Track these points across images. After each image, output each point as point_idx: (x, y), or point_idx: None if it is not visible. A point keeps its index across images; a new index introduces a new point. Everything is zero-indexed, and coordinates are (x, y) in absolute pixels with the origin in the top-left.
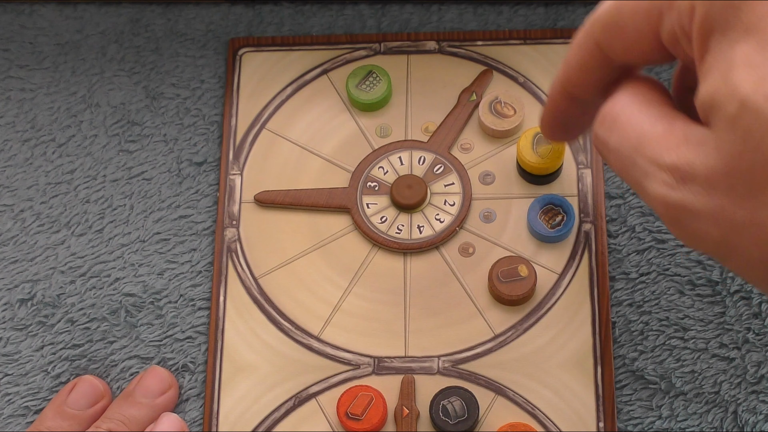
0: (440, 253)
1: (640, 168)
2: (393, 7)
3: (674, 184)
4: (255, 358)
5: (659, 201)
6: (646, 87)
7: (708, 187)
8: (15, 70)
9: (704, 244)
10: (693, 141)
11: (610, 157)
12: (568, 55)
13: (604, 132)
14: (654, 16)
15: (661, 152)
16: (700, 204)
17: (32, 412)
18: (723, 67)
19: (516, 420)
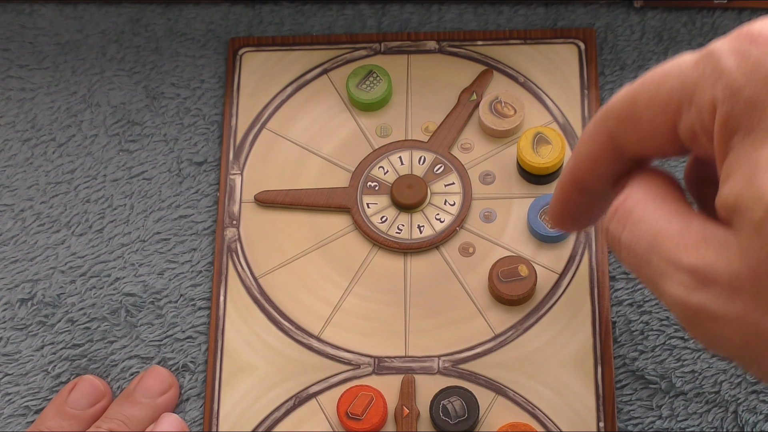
0: (440, 253)
1: (655, 267)
2: (393, 6)
3: (694, 286)
4: (255, 358)
5: (677, 303)
6: (659, 181)
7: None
8: (15, 70)
9: (725, 348)
10: (714, 242)
11: (622, 253)
12: (579, 146)
13: (616, 227)
14: (672, 110)
15: (679, 252)
16: (722, 308)
17: (32, 411)
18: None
19: (516, 420)
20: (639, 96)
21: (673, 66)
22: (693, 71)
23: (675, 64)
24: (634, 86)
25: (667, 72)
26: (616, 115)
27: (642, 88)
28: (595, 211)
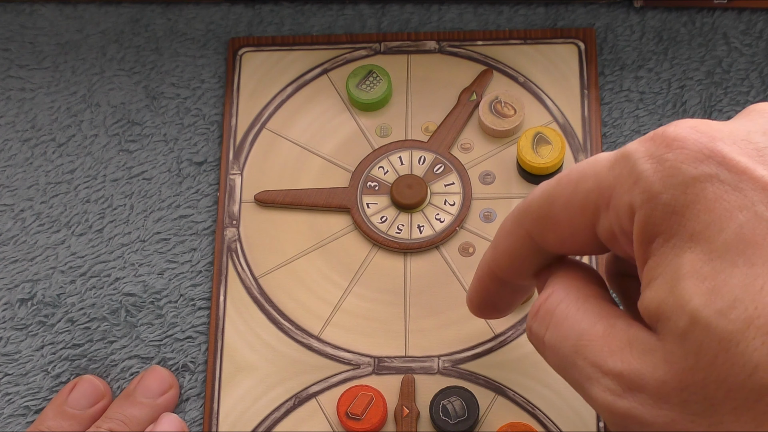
0: (440, 253)
1: (580, 370)
2: (393, 6)
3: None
4: (255, 358)
5: (604, 408)
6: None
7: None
8: (15, 70)
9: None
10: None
11: (546, 353)
12: (497, 240)
13: (538, 327)
14: (589, 212)
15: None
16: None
17: (32, 411)
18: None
19: (516, 420)
20: (556, 196)
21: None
22: (609, 173)
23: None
24: (551, 185)
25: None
26: (534, 215)
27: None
28: (515, 300)
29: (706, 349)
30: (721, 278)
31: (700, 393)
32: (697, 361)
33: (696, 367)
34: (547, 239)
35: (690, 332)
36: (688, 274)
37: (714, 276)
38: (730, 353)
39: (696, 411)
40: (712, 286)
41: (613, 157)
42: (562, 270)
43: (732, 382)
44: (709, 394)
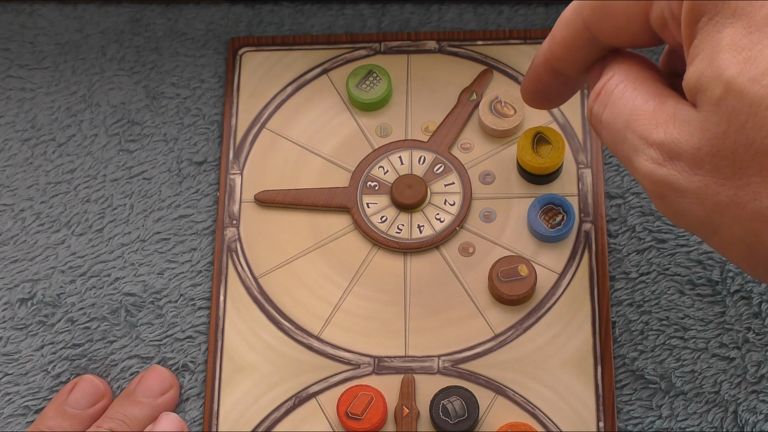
0: (440, 253)
1: (630, 143)
2: (393, 6)
3: (661, 161)
4: (255, 357)
5: (646, 176)
6: (639, 64)
7: (693, 165)
8: (15, 70)
9: (688, 221)
10: (680, 119)
11: (602, 132)
12: (555, 31)
13: (598, 107)
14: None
15: (651, 129)
16: (686, 182)
17: (32, 411)
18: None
19: (516, 420)
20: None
21: None
22: None
23: None
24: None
25: None
26: (592, 5)
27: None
28: (566, 92)
29: (737, 114)
30: (758, 49)
31: (730, 157)
32: (728, 126)
33: (727, 131)
34: (603, 29)
35: (724, 99)
36: (726, 47)
37: (751, 47)
38: (759, 117)
39: (726, 175)
40: (748, 56)
41: None
42: (621, 57)
43: (759, 145)
44: (738, 158)
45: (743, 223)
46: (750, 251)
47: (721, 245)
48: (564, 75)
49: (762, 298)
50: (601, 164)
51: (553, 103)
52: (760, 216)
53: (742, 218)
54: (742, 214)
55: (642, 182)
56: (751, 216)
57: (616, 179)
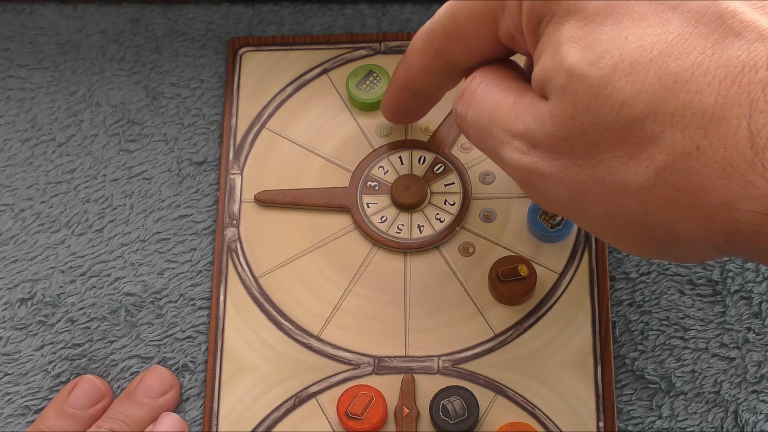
0: (440, 253)
1: (495, 137)
2: (393, 6)
3: (525, 150)
4: (255, 357)
5: (513, 166)
6: (500, 64)
7: (552, 151)
8: (15, 70)
9: (556, 204)
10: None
11: (469, 131)
12: (409, 58)
13: (462, 107)
14: (489, 20)
15: (512, 121)
16: (548, 167)
17: (32, 411)
18: (551, 47)
19: (516, 420)
20: (458, 13)
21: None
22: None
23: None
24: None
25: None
26: (441, 33)
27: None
28: (426, 107)
29: (581, 97)
30: (592, 37)
31: (581, 138)
32: (575, 110)
33: (574, 115)
34: (456, 54)
35: (568, 86)
36: (565, 40)
37: (586, 36)
38: (601, 96)
39: (581, 155)
40: (585, 45)
41: None
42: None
43: (605, 122)
44: (588, 138)
45: (604, 198)
46: (615, 225)
47: (590, 224)
48: (423, 95)
49: (762, 298)
50: None
51: (414, 118)
52: (617, 189)
53: (602, 194)
54: (601, 190)
55: (510, 172)
56: (609, 190)
57: None
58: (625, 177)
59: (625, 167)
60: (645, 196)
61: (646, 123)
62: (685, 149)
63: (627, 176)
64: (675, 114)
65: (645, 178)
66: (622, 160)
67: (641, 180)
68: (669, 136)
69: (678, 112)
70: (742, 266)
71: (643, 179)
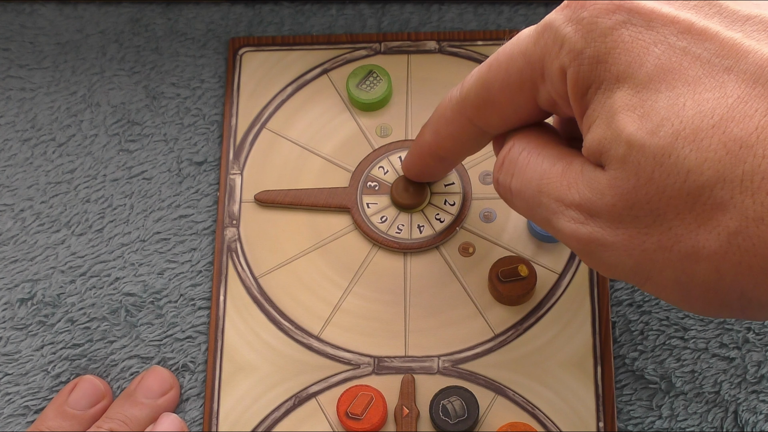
0: (440, 253)
1: (546, 207)
2: (393, 6)
3: (582, 220)
4: (255, 357)
5: (570, 237)
6: (538, 129)
7: (613, 221)
8: (15, 70)
9: (620, 272)
10: (588, 180)
11: (514, 201)
12: (438, 126)
13: (505, 177)
14: (527, 88)
15: (564, 190)
16: (610, 236)
17: (32, 411)
18: (605, 115)
19: (516, 420)
20: (491, 82)
21: (515, 46)
22: (536, 48)
23: (516, 44)
24: (483, 72)
25: (510, 54)
26: (473, 103)
27: (491, 74)
28: (450, 168)
29: (643, 167)
30: (648, 104)
31: (646, 207)
32: (638, 180)
33: (638, 185)
34: (490, 122)
35: (628, 156)
36: (620, 109)
37: (642, 104)
38: (665, 166)
39: (647, 223)
40: (641, 113)
41: (535, 31)
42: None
43: (671, 191)
44: (653, 207)
45: (673, 265)
46: (685, 291)
47: (657, 289)
48: (450, 159)
49: None
50: None
51: (438, 177)
52: (687, 256)
53: (671, 261)
54: (670, 258)
55: (567, 243)
56: (678, 257)
57: None
58: (696, 244)
59: (695, 234)
60: (718, 262)
61: (714, 190)
62: (756, 215)
63: (698, 243)
64: (744, 180)
65: (717, 245)
66: (692, 228)
67: (713, 247)
68: (739, 202)
69: (747, 177)
70: None
71: (715, 246)
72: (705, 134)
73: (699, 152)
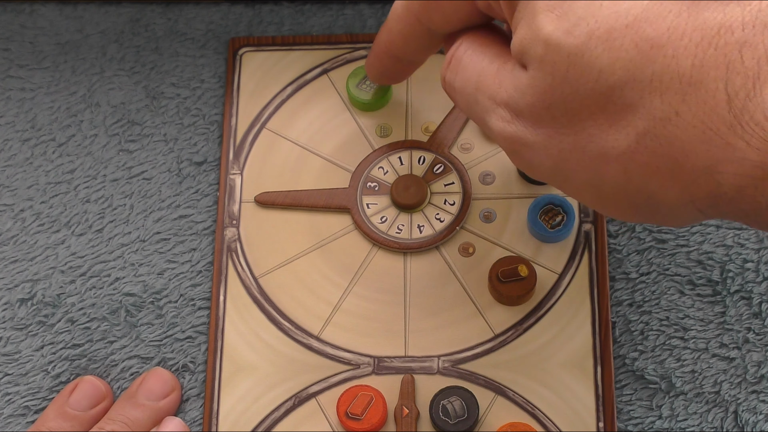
0: (440, 253)
1: (481, 105)
2: None
3: (509, 119)
4: (255, 357)
5: (499, 134)
6: (485, 30)
7: (534, 120)
8: (15, 70)
9: (541, 172)
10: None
11: (456, 98)
12: (390, 24)
13: (450, 75)
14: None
15: (497, 89)
16: (531, 136)
17: (32, 411)
18: (528, 16)
19: (516, 420)
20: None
21: None
22: None
23: None
24: None
25: None
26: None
27: None
28: (410, 70)
29: (558, 66)
30: (567, 5)
31: (562, 107)
32: (553, 80)
33: (554, 84)
34: (434, 20)
35: (545, 56)
36: (540, 10)
37: (561, 5)
38: (577, 65)
39: (563, 123)
40: (560, 13)
41: None
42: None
43: (583, 91)
44: (569, 107)
45: (586, 166)
46: (598, 192)
47: (574, 191)
48: (405, 60)
49: (762, 298)
50: None
51: (398, 80)
52: (598, 156)
53: (584, 162)
54: (583, 158)
55: (496, 140)
56: (591, 158)
57: None
58: (606, 144)
59: (605, 135)
60: (626, 163)
61: (624, 90)
62: (664, 115)
63: (608, 144)
64: (653, 80)
65: (626, 145)
66: (603, 128)
67: (622, 147)
68: (648, 103)
69: (656, 77)
70: (742, 266)
71: (623, 146)
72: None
73: (611, 52)
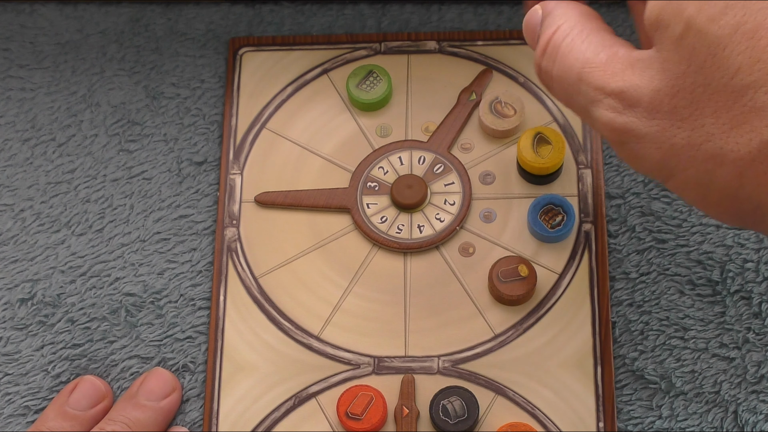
0: (440, 253)
1: (585, 95)
2: (393, 6)
3: (620, 109)
4: (255, 357)
5: (605, 125)
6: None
7: (652, 110)
8: (15, 70)
9: (646, 165)
10: (638, 65)
11: (554, 86)
12: None
13: (547, 63)
14: None
15: (606, 79)
16: (644, 127)
17: (32, 411)
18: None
19: (516, 420)
20: None
21: None
22: None
23: None
24: None
25: None
26: None
27: None
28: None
29: (697, 53)
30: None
31: (688, 97)
32: (688, 66)
33: (687, 71)
34: None
35: (684, 38)
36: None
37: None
38: (717, 57)
39: (683, 116)
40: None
41: None
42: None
43: (716, 85)
44: (695, 99)
45: (697, 165)
46: (704, 192)
47: (678, 187)
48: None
49: (762, 298)
50: (601, 165)
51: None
52: (713, 157)
53: (696, 159)
54: (696, 156)
55: (601, 131)
56: (704, 157)
57: (616, 179)
58: (725, 146)
59: (726, 136)
60: (743, 168)
61: (758, 93)
62: None
63: (727, 146)
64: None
65: (746, 152)
66: (724, 129)
67: (741, 152)
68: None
69: None
70: (742, 266)
71: (743, 152)
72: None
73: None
